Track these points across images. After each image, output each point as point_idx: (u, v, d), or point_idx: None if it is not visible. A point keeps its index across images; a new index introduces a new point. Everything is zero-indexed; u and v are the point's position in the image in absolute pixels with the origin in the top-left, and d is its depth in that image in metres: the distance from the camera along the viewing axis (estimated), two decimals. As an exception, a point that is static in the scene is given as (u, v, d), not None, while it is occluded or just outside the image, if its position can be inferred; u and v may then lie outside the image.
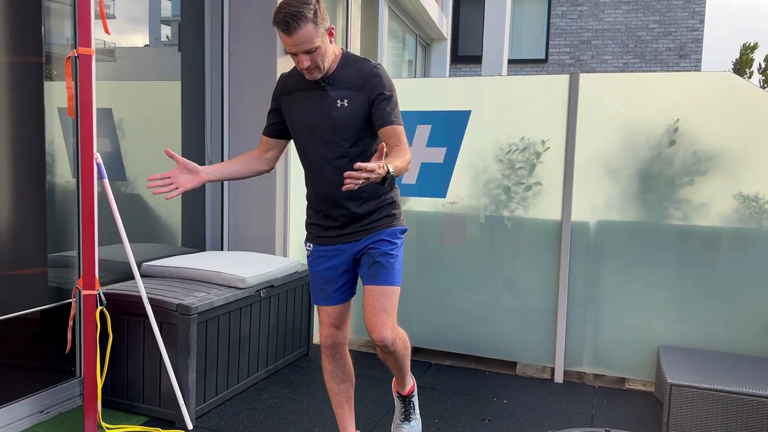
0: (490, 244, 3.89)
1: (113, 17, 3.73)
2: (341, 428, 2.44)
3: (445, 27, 9.51)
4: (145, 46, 3.86)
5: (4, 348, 2.89)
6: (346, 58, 2.22)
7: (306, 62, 2.08)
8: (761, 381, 2.97)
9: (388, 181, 1.95)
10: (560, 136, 3.66)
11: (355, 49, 6.21)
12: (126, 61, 3.70)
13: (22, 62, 2.86)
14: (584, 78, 3.59)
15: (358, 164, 1.83)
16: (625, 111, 3.54)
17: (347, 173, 1.82)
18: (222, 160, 4.23)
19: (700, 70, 13.81)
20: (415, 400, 2.67)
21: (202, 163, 4.17)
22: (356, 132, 2.20)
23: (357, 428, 2.99)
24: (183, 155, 4.04)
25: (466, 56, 14.71)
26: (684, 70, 13.91)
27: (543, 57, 14.91)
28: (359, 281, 2.42)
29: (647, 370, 3.62)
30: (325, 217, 2.31)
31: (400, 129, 2.18)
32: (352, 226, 2.28)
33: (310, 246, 2.40)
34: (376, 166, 1.85)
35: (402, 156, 2.08)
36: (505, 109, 3.79)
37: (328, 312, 2.35)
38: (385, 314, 2.26)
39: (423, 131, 3.91)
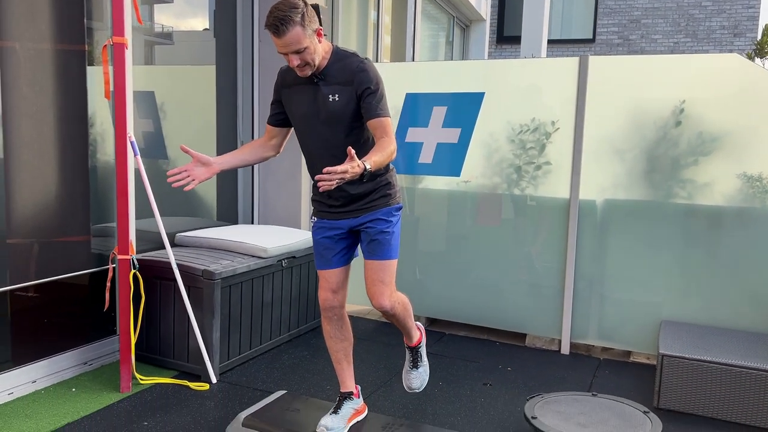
0: (502, 221, 4.06)
1: (170, 1, 4.04)
2: (341, 382, 2.70)
3: (484, 8, 9.56)
4: (205, 30, 4.16)
5: (54, 307, 3.26)
6: (337, 55, 2.41)
7: (296, 61, 2.29)
8: (753, 354, 3.08)
9: (366, 176, 2.17)
10: (570, 118, 3.79)
11: (386, 31, 6.40)
12: (169, 46, 4.01)
13: (67, 50, 3.18)
14: (593, 60, 3.70)
15: (327, 168, 2.05)
16: (633, 92, 3.65)
17: (318, 177, 2.05)
18: (252, 139, 4.53)
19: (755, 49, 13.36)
20: (423, 350, 2.93)
21: (234, 140, 4.47)
22: (348, 124, 2.41)
23: (367, 387, 3.26)
24: (217, 135, 4.36)
25: (511, 37, 14.64)
26: (738, 50, 13.53)
27: (590, 37, 14.69)
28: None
29: (651, 343, 3.75)
30: (327, 197, 2.55)
31: (386, 121, 2.37)
32: (351, 205, 2.51)
33: (314, 219, 2.65)
34: (348, 167, 2.06)
35: (383, 150, 2.28)
36: (517, 91, 3.93)
37: (327, 277, 2.59)
38: (383, 285, 2.53)
39: (439, 112, 4.10)
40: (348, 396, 2.68)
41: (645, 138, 3.65)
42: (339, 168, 2.05)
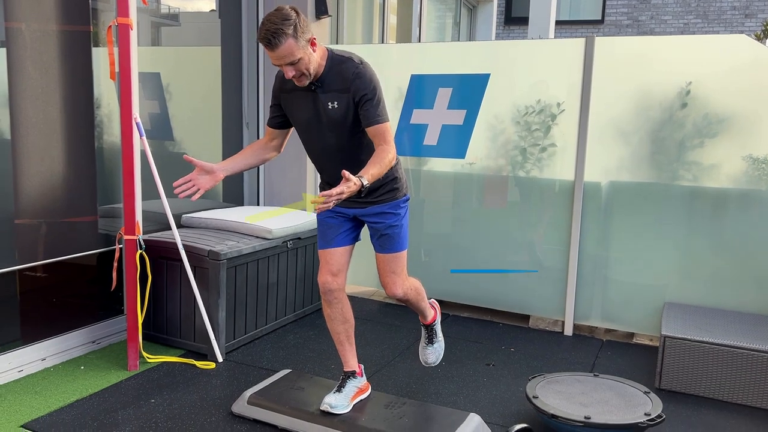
0: (507, 203, 4.07)
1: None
2: (343, 361, 2.73)
3: (492, -11, 9.47)
4: (211, 11, 4.16)
5: (62, 286, 3.30)
6: (332, 60, 2.39)
7: (291, 72, 2.30)
8: (756, 336, 3.09)
9: (364, 191, 2.22)
10: (575, 99, 3.78)
11: (392, 11, 6.35)
12: (175, 27, 4.01)
13: (72, 31, 3.19)
14: (600, 41, 3.68)
15: (323, 193, 2.10)
16: (638, 74, 3.63)
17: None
18: (258, 121, 4.54)
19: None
20: (437, 327, 3.08)
21: (240, 121, 4.48)
22: (350, 129, 2.44)
23: (370, 367, 3.30)
24: (223, 117, 4.36)
25: (520, 18, 14.51)
26: (749, 31, 13.37)
27: (599, 18, 14.54)
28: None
29: (654, 325, 3.77)
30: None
31: (383, 127, 2.38)
32: (360, 199, 2.55)
33: None
34: (344, 188, 2.11)
35: (381, 161, 2.31)
36: (522, 72, 3.92)
37: (328, 258, 2.62)
38: (395, 275, 2.66)
39: (444, 94, 4.09)
40: (351, 374, 2.71)
41: (650, 120, 3.64)
42: (335, 190, 2.10)
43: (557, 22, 14.43)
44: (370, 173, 2.24)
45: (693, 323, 3.27)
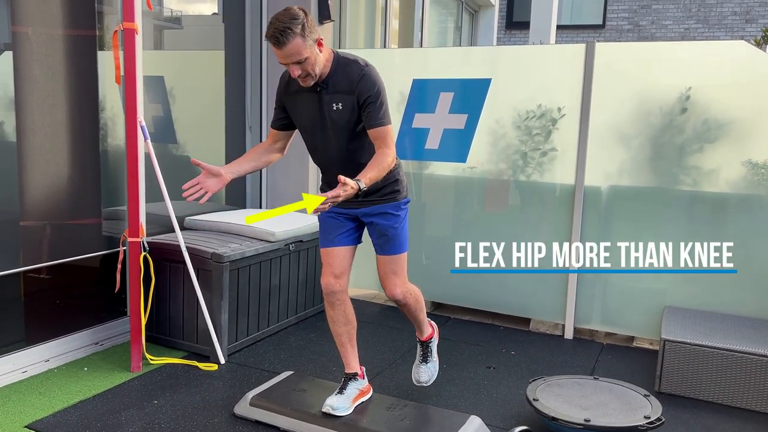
0: (507, 207, 4.09)
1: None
2: (345, 363, 2.75)
3: (494, -7, 9.51)
4: (213, 14, 4.19)
5: (67, 288, 3.33)
6: (338, 63, 2.43)
7: (297, 71, 2.33)
8: (755, 340, 3.10)
9: (361, 195, 2.26)
10: (576, 104, 3.80)
11: (395, 15, 6.39)
12: (177, 31, 4.04)
13: (78, 35, 3.22)
14: (600, 47, 3.71)
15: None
16: (639, 79, 3.65)
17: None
18: (261, 124, 4.56)
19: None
20: (433, 346, 3.06)
21: (243, 125, 4.51)
22: (352, 130, 2.48)
23: (372, 369, 3.31)
24: (226, 120, 4.39)
25: (521, 22, 14.54)
26: (750, 36, 13.40)
27: (601, 23, 14.58)
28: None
29: (654, 329, 3.78)
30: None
31: (385, 130, 2.42)
32: (361, 199, 2.55)
33: None
34: (340, 192, 2.15)
35: (379, 165, 2.35)
36: (523, 77, 3.95)
37: (330, 260, 2.64)
38: (395, 276, 2.69)
39: (446, 98, 4.11)
40: (353, 377, 2.73)
41: (650, 125, 3.66)
42: (331, 193, 2.15)
43: (558, 27, 14.44)
44: (368, 176, 2.28)
45: (693, 327, 3.28)
